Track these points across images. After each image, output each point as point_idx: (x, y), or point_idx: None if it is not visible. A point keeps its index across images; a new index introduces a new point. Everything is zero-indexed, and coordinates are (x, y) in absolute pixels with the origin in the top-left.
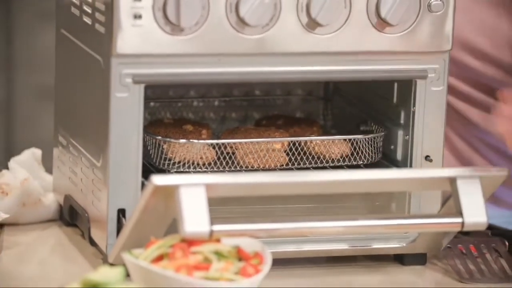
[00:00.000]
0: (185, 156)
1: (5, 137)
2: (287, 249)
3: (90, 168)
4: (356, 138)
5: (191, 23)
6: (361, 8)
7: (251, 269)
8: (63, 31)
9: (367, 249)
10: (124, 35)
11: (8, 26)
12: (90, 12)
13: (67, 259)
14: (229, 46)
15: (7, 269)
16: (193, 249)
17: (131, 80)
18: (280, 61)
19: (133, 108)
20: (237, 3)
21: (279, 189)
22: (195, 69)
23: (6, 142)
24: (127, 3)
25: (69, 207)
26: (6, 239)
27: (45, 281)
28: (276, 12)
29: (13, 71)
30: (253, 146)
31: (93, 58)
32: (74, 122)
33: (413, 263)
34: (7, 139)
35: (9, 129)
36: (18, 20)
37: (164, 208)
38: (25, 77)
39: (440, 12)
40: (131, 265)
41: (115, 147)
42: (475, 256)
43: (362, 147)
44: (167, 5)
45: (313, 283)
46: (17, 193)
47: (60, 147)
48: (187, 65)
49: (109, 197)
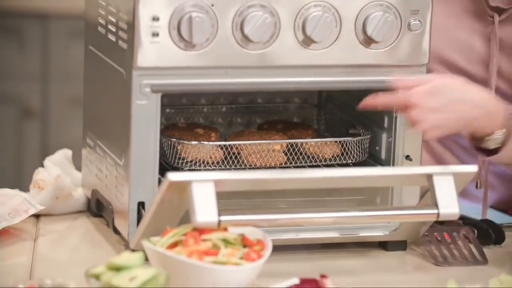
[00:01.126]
0: (197, 156)
1: (40, 139)
2: (286, 237)
3: (114, 166)
4: (346, 140)
5: (202, 40)
6: (350, 27)
7: (254, 254)
8: (91, 48)
9: (355, 237)
10: (143, 51)
11: (45, 43)
12: (114, 31)
13: (94, 245)
14: (235, 60)
15: (43, 253)
16: (204, 237)
17: (149, 90)
18: (279, 73)
19: (151, 114)
20: (242, 22)
21: (278, 184)
22: (205, 80)
23: (41, 143)
24: (146, 23)
25: (96, 200)
26: (42, 228)
27: (75, 264)
28: (276, 30)
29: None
30: (256, 147)
31: (116, 71)
32: (100, 126)
33: (395, 249)
34: (42, 141)
35: (44, 132)
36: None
37: (178, 201)
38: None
39: (418, 31)
40: (150, 251)
41: (136, 148)
42: (449, 242)
43: (351, 148)
44: (181, 25)
45: (308, 266)
46: (51, 188)
47: (88, 148)
48: (198, 76)
49: (130, 192)
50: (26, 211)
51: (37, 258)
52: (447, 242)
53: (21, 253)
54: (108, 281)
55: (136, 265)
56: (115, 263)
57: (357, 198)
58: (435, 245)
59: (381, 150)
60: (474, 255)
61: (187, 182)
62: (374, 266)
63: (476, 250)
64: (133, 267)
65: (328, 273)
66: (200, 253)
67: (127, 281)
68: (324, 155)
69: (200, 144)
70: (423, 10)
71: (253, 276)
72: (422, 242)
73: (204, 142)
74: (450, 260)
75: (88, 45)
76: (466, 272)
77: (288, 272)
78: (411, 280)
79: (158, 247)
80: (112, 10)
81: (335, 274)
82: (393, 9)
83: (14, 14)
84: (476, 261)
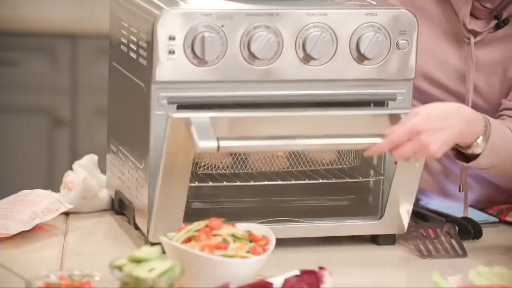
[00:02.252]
0: (208, 161)
1: (70, 145)
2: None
3: (134, 170)
4: None
5: (213, 57)
6: (345, 45)
7: (260, 248)
8: (114, 64)
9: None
10: (161, 67)
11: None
12: (135, 49)
13: (117, 240)
14: (242, 74)
15: (72, 247)
16: (214, 232)
17: (166, 101)
18: (282, 86)
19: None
20: (249, 41)
21: (264, 123)
22: (216, 92)
23: (70, 149)
24: (163, 42)
25: (119, 200)
26: (70, 224)
27: (100, 257)
28: (279, 49)
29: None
30: (261, 154)
31: (137, 85)
32: (122, 134)
33: (385, 243)
34: (71, 147)
35: (73, 139)
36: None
37: (185, 149)
38: (86, 99)
39: (406, 49)
40: (166, 245)
41: (154, 153)
42: (433, 237)
43: (346, 154)
44: (194, 43)
45: (308, 259)
46: (79, 189)
47: (111, 153)
48: (209, 89)
49: (149, 192)
50: (57, 210)
51: (66, 251)
52: (431, 237)
53: (53, 246)
54: (129, 272)
55: (155, 258)
56: (136, 256)
57: (348, 197)
58: (420, 240)
59: (374, 156)
60: (455, 249)
61: (187, 118)
62: (367, 258)
63: (457, 245)
64: (152, 259)
65: (326, 265)
66: (211, 247)
67: (146, 272)
68: (322, 160)
69: None
70: (410, 31)
71: (259, 267)
72: (409, 237)
73: None
74: (434, 253)
75: (112, 62)
76: (448, 264)
77: (289, 264)
78: (400, 271)
79: (174, 241)
80: (133, 30)
81: (332, 266)
82: (383, 30)
83: (48, 35)
84: (457, 254)
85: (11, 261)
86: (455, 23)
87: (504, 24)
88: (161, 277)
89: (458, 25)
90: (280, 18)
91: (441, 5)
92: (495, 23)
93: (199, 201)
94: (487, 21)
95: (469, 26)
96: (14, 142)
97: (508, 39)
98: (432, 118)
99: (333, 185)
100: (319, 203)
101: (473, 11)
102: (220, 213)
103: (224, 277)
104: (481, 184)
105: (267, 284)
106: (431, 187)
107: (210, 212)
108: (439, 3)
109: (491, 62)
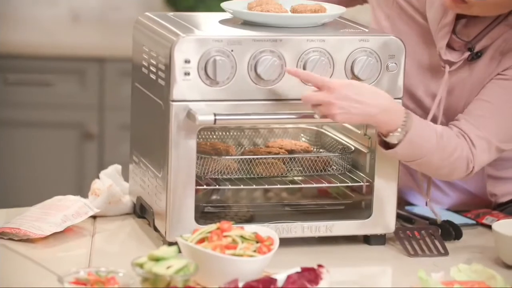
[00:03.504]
0: (215, 167)
1: (97, 156)
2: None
3: (154, 178)
4: (331, 156)
5: (224, 78)
6: (341, 68)
7: (265, 248)
8: (136, 84)
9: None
10: (177, 87)
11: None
12: (154, 71)
13: (139, 240)
14: (249, 94)
15: (99, 246)
16: (225, 234)
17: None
18: (284, 104)
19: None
20: (255, 64)
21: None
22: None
23: (97, 160)
24: (180, 65)
25: (140, 205)
26: (97, 227)
27: (124, 255)
28: (282, 71)
29: (103, 111)
30: (262, 160)
31: (156, 103)
32: (143, 146)
33: (376, 243)
34: (98, 158)
35: (100, 151)
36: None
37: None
38: (112, 116)
39: (394, 71)
40: (182, 245)
41: (172, 163)
42: (418, 238)
43: (336, 161)
44: (207, 66)
45: (308, 258)
46: (105, 195)
47: (134, 163)
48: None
49: (167, 198)
50: (86, 213)
51: (94, 250)
52: (417, 238)
53: (82, 246)
54: (149, 269)
55: (172, 257)
56: (155, 255)
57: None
58: (407, 240)
59: (366, 165)
60: (438, 249)
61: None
62: (360, 257)
63: (440, 245)
64: (169, 258)
65: (324, 263)
66: (222, 247)
67: (164, 269)
68: (316, 167)
69: (219, 158)
70: (398, 55)
71: (264, 265)
72: (397, 238)
73: (223, 156)
74: (420, 252)
75: (134, 82)
76: (432, 262)
77: (291, 262)
78: (389, 268)
79: (189, 242)
80: (153, 55)
81: (329, 263)
82: (375, 54)
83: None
84: (440, 253)
85: (45, 259)
86: (433, 52)
87: (478, 56)
88: (177, 274)
89: (435, 55)
90: (283, 43)
91: (422, 35)
92: (469, 54)
93: (211, 205)
94: (462, 53)
95: (444, 56)
96: (48, 154)
97: (478, 69)
98: (353, 88)
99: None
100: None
101: (450, 42)
102: (229, 216)
103: (234, 273)
104: (455, 191)
105: (272, 280)
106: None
107: (221, 216)
108: (419, 34)
109: (460, 87)
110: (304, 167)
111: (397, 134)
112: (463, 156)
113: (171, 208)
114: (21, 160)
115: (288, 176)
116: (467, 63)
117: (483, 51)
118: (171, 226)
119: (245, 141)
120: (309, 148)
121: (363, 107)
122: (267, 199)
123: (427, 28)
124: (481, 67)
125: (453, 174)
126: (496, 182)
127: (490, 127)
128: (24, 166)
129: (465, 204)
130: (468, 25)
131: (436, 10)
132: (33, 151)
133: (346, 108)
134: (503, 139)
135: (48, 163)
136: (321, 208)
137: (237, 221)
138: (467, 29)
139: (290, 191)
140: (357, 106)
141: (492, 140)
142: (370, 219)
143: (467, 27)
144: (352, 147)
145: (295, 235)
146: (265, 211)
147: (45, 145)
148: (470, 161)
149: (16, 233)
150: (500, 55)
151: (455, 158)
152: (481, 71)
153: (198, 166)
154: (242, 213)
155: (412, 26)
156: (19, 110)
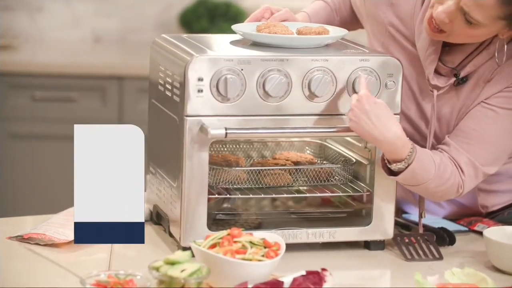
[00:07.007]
0: (226, 177)
1: None
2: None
3: (169, 187)
4: (334, 167)
5: (234, 95)
6: (343, 85)
7: (273, 253)
8: (153, 101)
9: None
10: (191, 103)
11: (120, 97)
12: (170, 89)
13: (155, 245)
14: (258, 109)
15: (118, 251)
16: (235, 240)
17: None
18: (290, 120)
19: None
20: (264, 82)
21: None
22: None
23: None
24: (193, 83)
25: (156, 212)
26: None
27: (141, 260)
28: (288, 88)
29: None
30: (269, 171)
31: (171, 118)
32: (159, 158)
33: (376, 248)
34: None
35: None
36: (127, 94)
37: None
38: None
39: (392, 89)
40: (196, 250)
41: (186, 174)
42: (415, 244)
43: (339, 172)
44: (219, 84)
45: (312, 262)
46: None
47: (150, 174)
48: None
49: (181, 206)
50: None
51: (113, 254)
52: (414, 244)
53: (102, 251)
54: (165, 272)
55: (186, 261)
56: (170, 259)
57: (347, 210)
58: (405, 246)
59: (366, 175)
60: (433, 253)
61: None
62: (361, 261)
63: (435, 250)
64: (183, 262)
65: (327, 267)
66: (233, 252)
67: (179, 272)
68: (319, 177)
69: (230, 169)
70: (396, 74)
71: (272, 269)
72: (395, 244)
73: (234, 168)
74: (416, 257)
75: (151, 99)
76: (428, 265)
77: (297, 266)
78: (388, 271)
79: (201, 247)
80: (168, 73)
81: (332, 267)
82: (374, 72)
83: (99, 77)
84: (435, 258)
85: (69, 262)
86: (423, 77)
87: (463, 81)
88: (191, 276)
89: (424, 81)
90: (289, 63)
91: (412, 62)
92: (454, 80)
93: (223, 213)
94: (448, 78)
95: (432, 81)
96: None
97: (464, 94)
98: (375, 107)
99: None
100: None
101: (438, 68)
102: (239, 223)
103: (243, 276)
104: (449, 203)
105: (279, 282)
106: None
107: (232, 223)
108: (410, 60)
109: (448, 110)
110: (309, 177)
111: (400, 166)
112: (455, 183)
113: (185, 215)
114: (47, 170)
115: (294, 186)
116: (453, 88)
117: (468, 76)
118: (185, 232)
119: (254, 154)
120: (314, 160)
121: (372, 128)
122: (275, 207)
123: (417, 55)
124: (467, 91)
125: (444, 197)
126: (487, 195)
127: (477, 154)
128: (50, 175)
129: (458, 214)
130: (451, 53)
131: (424, 39)
132: (57, 163)
133: (359, 119)
134: (488, 164)
135: (73, 173)
136: (325, 216)
137: (247, 228)
138: (452, 56)
139: (296, 200)
140: (369, 124)
141: (478, 166)
142: (370, 226)
143: (450, 54)
144: (353, 159)
145: (300, 240)
146: (272, 219)
147: (69, 157)
148: (460, 186)
149: (42, 238)
150: (484, 82)
151: (448, 185)
152: (467, 95)
153: (210, 177)
154: (251, 220)
155: (403, 53)
156: (46, 124)
